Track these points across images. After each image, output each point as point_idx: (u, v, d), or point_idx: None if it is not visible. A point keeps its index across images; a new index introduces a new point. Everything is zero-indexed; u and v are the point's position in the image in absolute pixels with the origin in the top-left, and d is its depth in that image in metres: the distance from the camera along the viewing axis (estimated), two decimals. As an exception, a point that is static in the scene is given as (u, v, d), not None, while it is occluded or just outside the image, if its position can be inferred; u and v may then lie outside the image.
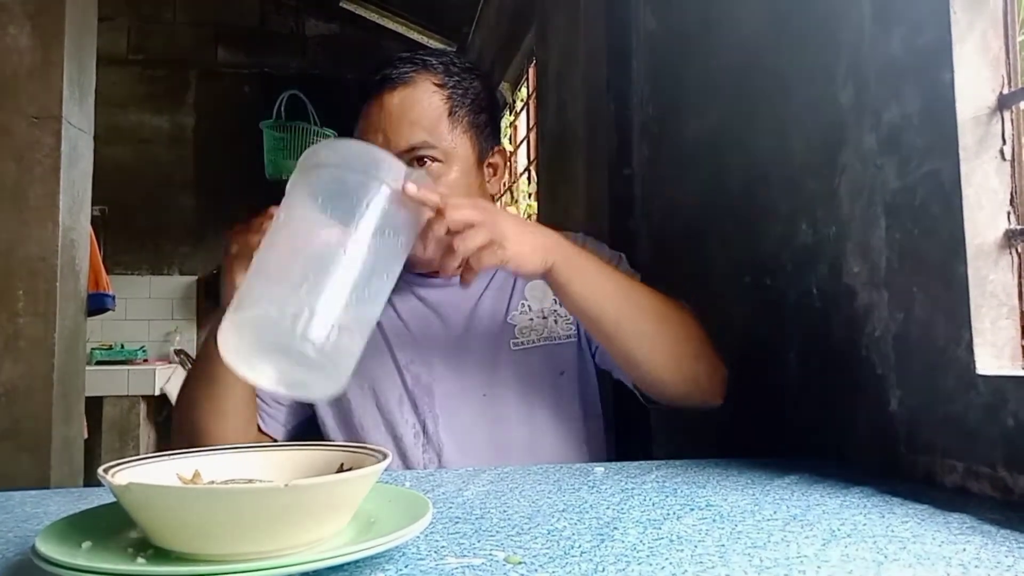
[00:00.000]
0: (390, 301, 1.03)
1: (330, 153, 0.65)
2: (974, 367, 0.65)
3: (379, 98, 0.96)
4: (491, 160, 1.04)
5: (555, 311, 1.02)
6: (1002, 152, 0.68)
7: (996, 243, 0.67)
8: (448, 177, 0.96)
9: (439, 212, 0.72)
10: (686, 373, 0.88)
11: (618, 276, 0.88)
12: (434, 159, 0.96)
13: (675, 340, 0.87)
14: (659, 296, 0.90)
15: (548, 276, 0.81)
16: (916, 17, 0.72)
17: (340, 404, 1.01)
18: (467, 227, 0.73)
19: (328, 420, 1.02)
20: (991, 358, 0.65)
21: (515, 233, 0.77)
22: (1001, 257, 0.67)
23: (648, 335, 0.86)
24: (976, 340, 0.65)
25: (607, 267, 0.88)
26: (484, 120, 1.02)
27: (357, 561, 0.47)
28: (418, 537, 0.53)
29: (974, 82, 0.68)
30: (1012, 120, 0.68)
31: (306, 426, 1.05)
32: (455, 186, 0.96)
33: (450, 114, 0.97)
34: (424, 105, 0.96)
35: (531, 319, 1.02)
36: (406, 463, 0.98)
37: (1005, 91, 0.68)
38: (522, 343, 1.01)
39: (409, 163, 0.95)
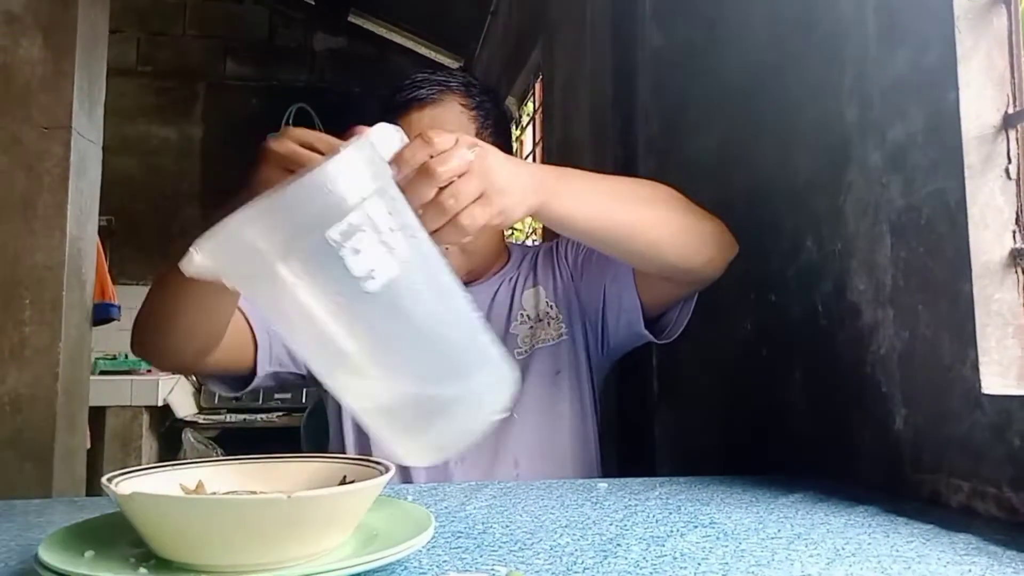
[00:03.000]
0: None
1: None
2: (980, 386, 0.65)
3: (406, 117, 0.96)
4: None
5: (547, 313, 1.04)
6: (1007, 171, 0.68)
7: (1002, 262, 0.67)
8: None
9: (423, 170, 0.60)
10: (707, 239, 0.86)
11: (607, 183, 0.81)
12: None
13: (684, 215, 0.84)
14: (645, 182, 0.86)
15: (538, 217, 0.74)
16: (921, 36, 0.73)
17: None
18: (458, 177, 0.61)
19: (330, 414, 1.03)
20: (997, 377, 0.65)
21: (507, 178, 0.65)
22: (1007, 276, 0.67)
23: (660, 234, 0.82)
24: (982, 359, 0.65)
25: (592, 178, 0.80)
26: (503, 142, 1.04)
27: (359, 574, 0.47)
28: (420, 551, 0.53)
29: (979, 101, 0.68)
30: (1017, 139, 0.68)
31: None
32: None
33: (477, 135, 0.98)
34: (454, 125, 0.96)
35: (531, 327, 1.04)
36: (405, 474, 0.98)
37: (1010, 111, 0.68)
38: (524, 351, 1.02)
39: None
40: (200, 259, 0.49)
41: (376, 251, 0.48)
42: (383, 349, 0.51)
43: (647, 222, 0.82)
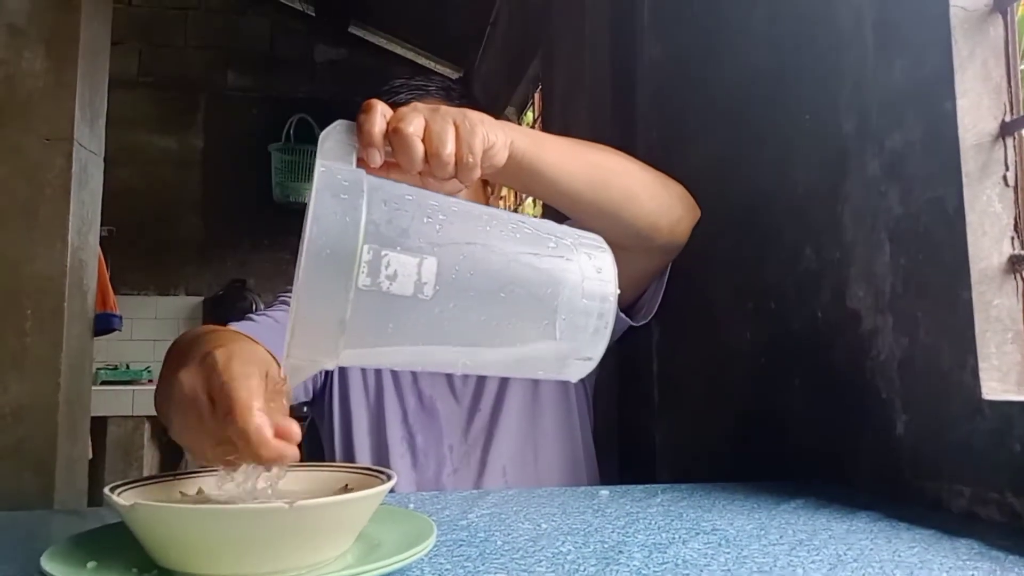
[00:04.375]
0: None
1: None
2: (980, 392, 0.65)
3: None
4: (490, 182, 1.06)
5: None
6: (1005, 178, 0.68)
7: (1000, 268, 0.67)
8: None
9: (396, 140, 0.57)
10: (676, 196, 0.86)
11: (574, 140, 0.78)
12: None
13: (651, 171, 0.84)
14: (611, 148, 0.83)
15: (513, 159, 0.69)
16: (918, 46, 0.73)
17: (343, 410, 1.02)
18: (428, 128, 0.59)
19: (335, 417, 1.04)
20: (996, 383, 0.65)
21: (472, 111, 0.64)
22: (1005, 282, 0.67)
23: (633, 183, 0.80)
24: (981, 365, 0.65)
25: (561, 137, 0.77)
26: None
27: (361, 583, 0.47)
28: (422, 560, 0.53)
29: (976, 109, 0.69)
30: (1015, 147, 0.69)
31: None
32: None
33: None
34: None
35: None
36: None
37: (1007, 118, 0.69)
38: None
39: None
40: (292, 382, 0.50)
41: (406, 261, 0.46)
42: (479, 325, 0.50)
43: (622, 170, 0.80)
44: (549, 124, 2.43)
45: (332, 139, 0.54)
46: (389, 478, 0.53)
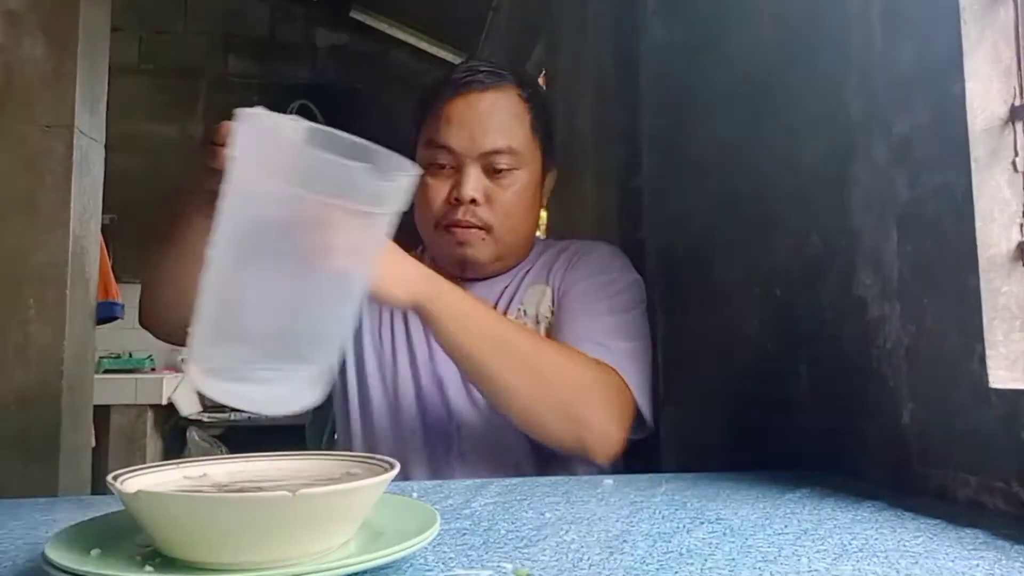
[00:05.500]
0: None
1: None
2: (987, 380, 0.64)
3: (466, 97, 0.97)
4: (547, 177, 1.06)
5: (547, 317, 1.03)
6: (1014, 164, 0.68)
7: (1008, 255, 0.66)
8: (518, 186, 0.98)
9: None
10: (558, 429, 0.86)
11: (496, 321, 0.87)
12: (512, 167, 0.98)
13: (550, 397, 0.85)
14: (551, 349, 0.87)
15: (417, 312, 0.81)
16: (926, 28, 0.72)
17: (363, 400, 1.02)
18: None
19: (352, 412, 1.04)
20: (1004, 371, 0.65)
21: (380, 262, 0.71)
22: (1014, 269, 0.66)
23: (517, 386, 0.84)
24: (988, 353, 0.65)
25: (484, 310, 0.86)
26: (550, 139, 1.04)
27: (364, 572, 0.46)
28: (425, 548, 0.53)
29: (985, 93, 0.68)
30: (1024, 132, 0.68)
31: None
32: (522, 196, 0.99)
33: (532, 126, 1.00)
34: (512, 112, 0.99)
35: (527, 324, 1.02)
36: (408, 469, 0.98)
37: (1016, 103, 0.68)
38: None
39: (486, 168, 0.96)
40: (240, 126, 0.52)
41: None
42: (298, 290, 0.53)
43: (509, 379, 0.83)
44: (553, 108, 2.41)
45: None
46: (392, 466, 0.53)
